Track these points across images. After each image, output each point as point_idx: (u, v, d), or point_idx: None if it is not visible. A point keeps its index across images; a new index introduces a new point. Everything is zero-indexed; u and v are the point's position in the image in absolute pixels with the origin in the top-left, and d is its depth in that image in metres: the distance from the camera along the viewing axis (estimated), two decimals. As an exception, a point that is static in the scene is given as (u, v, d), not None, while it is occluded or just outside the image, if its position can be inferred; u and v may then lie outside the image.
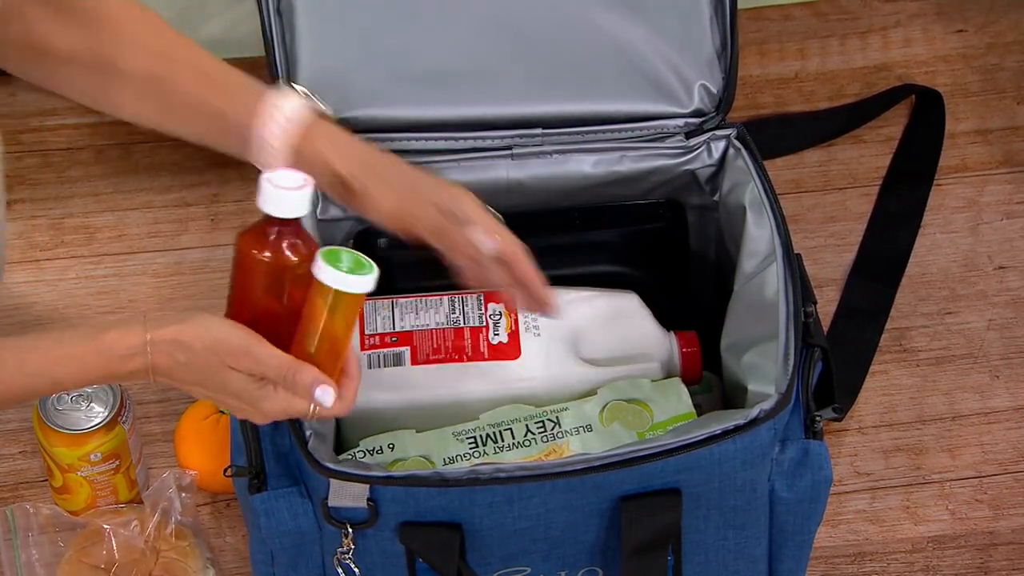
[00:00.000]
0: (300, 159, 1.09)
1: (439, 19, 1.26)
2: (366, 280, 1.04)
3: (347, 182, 1.11)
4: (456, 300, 1.25)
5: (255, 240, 1.03)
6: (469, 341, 1.23)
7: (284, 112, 1.09)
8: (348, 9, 1.25)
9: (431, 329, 1.23)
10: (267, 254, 1.03)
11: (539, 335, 1.23)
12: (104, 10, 1.11)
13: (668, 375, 1.25)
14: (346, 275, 1.03)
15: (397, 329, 1.23)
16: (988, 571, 1.32)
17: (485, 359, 1.22)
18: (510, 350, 1.22)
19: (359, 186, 1.11)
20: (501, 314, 1.24)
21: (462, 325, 1.24)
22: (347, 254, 1.04)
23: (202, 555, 1.29)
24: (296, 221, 1.03)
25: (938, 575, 1.32)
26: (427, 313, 1.24)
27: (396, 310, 1.24)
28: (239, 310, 1.05)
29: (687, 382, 1.24)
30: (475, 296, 1.25)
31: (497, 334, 1.23)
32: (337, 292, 1.03)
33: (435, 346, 1.22)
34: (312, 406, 1.04)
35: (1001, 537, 1.34)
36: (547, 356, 1.23)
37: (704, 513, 1.14)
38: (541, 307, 1.14)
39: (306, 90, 1.13)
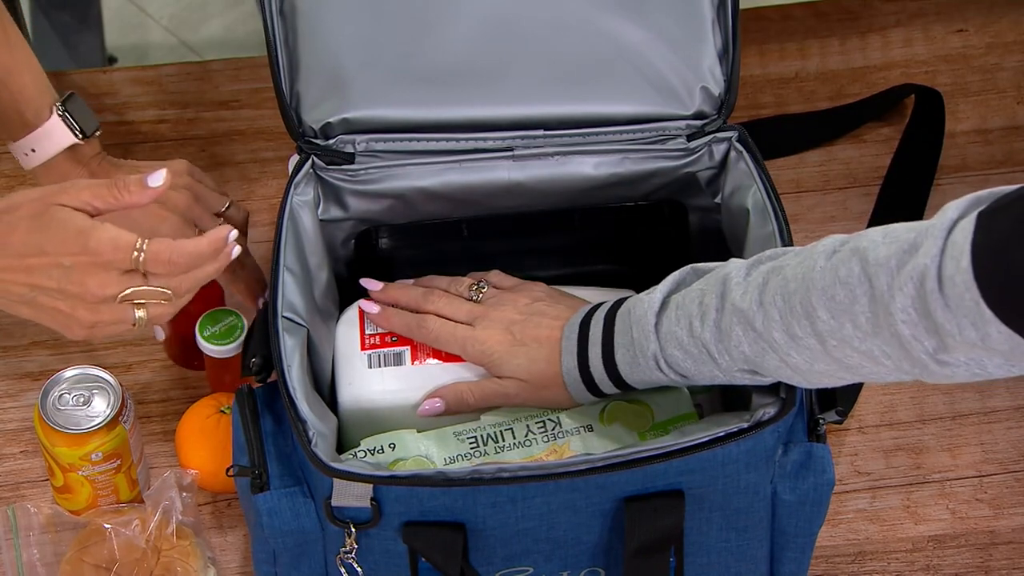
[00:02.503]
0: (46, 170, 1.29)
1: (441, 20, 1.25)
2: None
3: None
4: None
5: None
6: (471, 341, 1.23)
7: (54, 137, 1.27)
8: (350, 10, 1.25)
9: (432, 329, 1.23)
10: None
11: (541, 335, 1.23)
12: None
13: (669, 375, 1.25)
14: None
15: (398, 329, 1.23)
16: (988, 570, 1.32)
17: (486, 359, 1.22)
18: (511, 350, 1.22)
19: None
20: (503, 314, 1.24)
21: (463, 325, 1.23)
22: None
23: (203, 555, 1.29)
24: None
25: (938, 574, 1.32)
26: (428, 313, 1.24)
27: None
28: None
29: (688, 382, 1.24)
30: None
31: (499, 334, 1.23)
32: None
33: (436, 346, 1.22)
34: (140, 239, 1.06)
35: (1001, 536, 1.34)
36: (548, 356, 1.23)
37: (707, 515, 1.14)
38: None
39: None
